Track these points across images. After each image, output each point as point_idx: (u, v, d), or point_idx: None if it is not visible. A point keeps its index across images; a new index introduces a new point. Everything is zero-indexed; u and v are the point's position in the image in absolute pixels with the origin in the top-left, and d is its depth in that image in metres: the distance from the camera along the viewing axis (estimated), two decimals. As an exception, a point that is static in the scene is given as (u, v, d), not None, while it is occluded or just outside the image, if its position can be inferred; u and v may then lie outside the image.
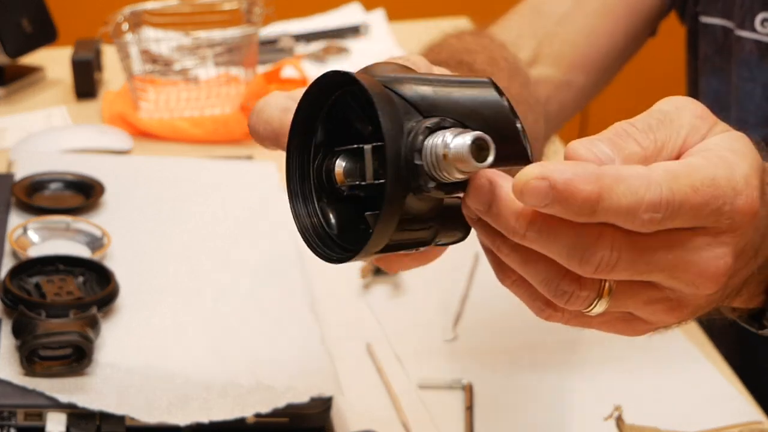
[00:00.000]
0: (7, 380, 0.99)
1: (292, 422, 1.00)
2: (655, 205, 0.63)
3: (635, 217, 0.63)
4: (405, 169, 0.63)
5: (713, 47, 1.26)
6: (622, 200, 0.62)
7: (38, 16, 1.71)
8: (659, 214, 0.63)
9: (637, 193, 0.63)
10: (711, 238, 0.67)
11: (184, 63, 1.65)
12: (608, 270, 0.65)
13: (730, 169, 0.67)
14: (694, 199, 0.65)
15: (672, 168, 0.65)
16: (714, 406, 1.08)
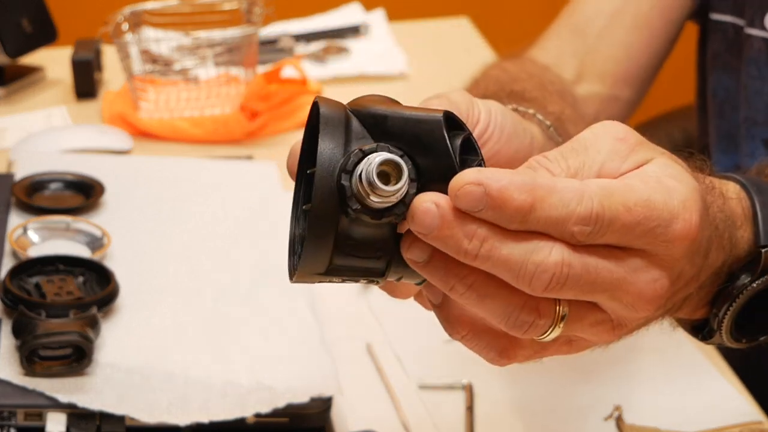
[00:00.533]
0: (7, 380, 0.99)
1: (292, 422, 1.01)
2: (585, 218, 0.65)
3: (565, 228, 0.65)
4: (332, 188, 0.64)
5: (723, 45, 1.26)
6: (553, 212, 0.64)
7: (38, 16, 1.71)
8: (589, 228, 0.65)
9: (569, 205, 0.65)
10: (647, 261, 0.68)
11: (184, 63, 1.65)
12: (560, 285, 0.66)
13: (667, 193, 0.68)
14: (626, 218, 0.66)
15: (607, 185, 0.67)
16: (714, 406, 1.08)
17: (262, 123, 1.59)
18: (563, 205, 0.65)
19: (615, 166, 0.69)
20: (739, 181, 0.82)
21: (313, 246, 0.65)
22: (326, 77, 1.74)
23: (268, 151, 1.55)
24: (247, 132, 1.58)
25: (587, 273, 0.67)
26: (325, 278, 0.68)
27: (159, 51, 1.65)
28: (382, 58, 1.80)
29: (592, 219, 0.65)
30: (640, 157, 0.70)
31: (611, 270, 0.67)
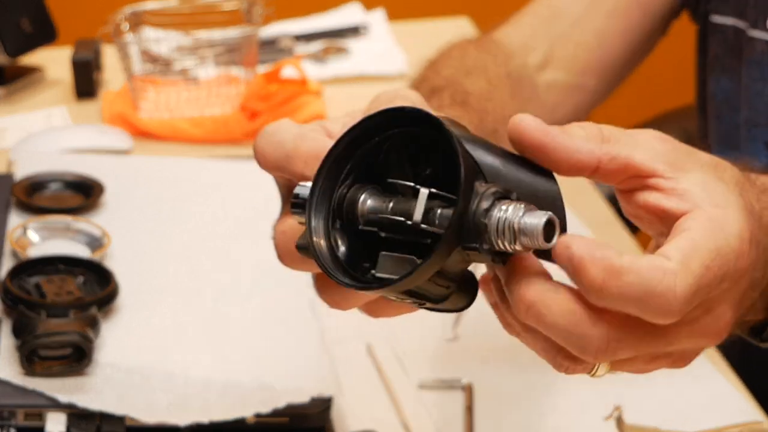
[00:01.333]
0: (7, 380, 0.99)
1: (292, 422, 1.00)
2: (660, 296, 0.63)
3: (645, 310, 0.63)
4: (471, 223, 0.64)
5: (724, 47, 1.25)
6: (631, 292, 0.62)
7: (38, 15, 1.71)
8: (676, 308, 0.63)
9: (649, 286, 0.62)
10: (709, 303, 0.67)
11: (184, 63, 1.65)
12: (609, 354, 0.66)
13: (723, 232, 0.66)
14: (707, 278, 0.64)
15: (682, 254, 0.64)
16: (714, 406, 1.08)
17: (262, 123, 1.59)
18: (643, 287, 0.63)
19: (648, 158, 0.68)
20: None
21: (423, 271, 0.64)
22: (326, 77, 1.74)
23: (268, 151, 1.54)
24: (247, 132, 1.58)
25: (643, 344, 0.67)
26: (390, 295, 0.67)
27: (159, 51, 1.65)
28: (382, 58, 1.80)
29: (688, 298, 0.64)
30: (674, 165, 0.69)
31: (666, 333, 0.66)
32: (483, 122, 1.00)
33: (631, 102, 2.68)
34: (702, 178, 0.69)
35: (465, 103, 1.02)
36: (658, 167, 0.68)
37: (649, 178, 0.68)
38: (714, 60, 1.27)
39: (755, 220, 0.70)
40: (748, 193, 0.71)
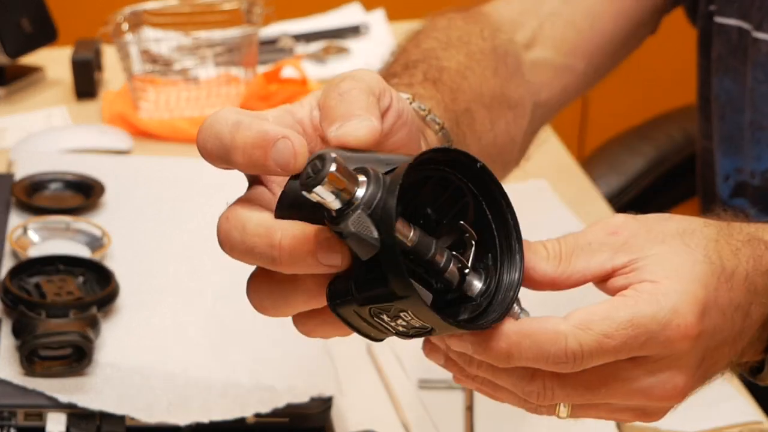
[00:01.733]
0: (7, 380, 0.99)
1: (292, 422, 1.01)
2: (561, 357, 0.70)
3: (546, 366, 0.71)
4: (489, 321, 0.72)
5: (727, 48, 1.24)
6: (530, 354, 0.70)
7: (38, 16, 1.71)
8: (569, 364, 0.70)
9: (542, 347, 0.70)
10: (651, 366, 0.72)
11: (184, 63, 1.65)
12: (549, 400, 0.74)
13: (656, 303, 0.71)
14: (609, 344, 0.70)
15: (585, 318, 0.71)
16: (714, 406, 1.08)
17: (262, 123, 1.59)
18: (537, 348, 0.70)
19: (603, 261, 0.74)
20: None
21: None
22: (326, 77, 1.74)
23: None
24: (247, 132, 1.58)
25: (575, 391, 0.73)
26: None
27: (159, 51, 1.65)
28: (382, 59, 1.80)
29: (569, 357, 0.70)
30: (632, 252, 0.73)
31: (605, 384, 0.72)
32: (455, 102, 0.97)
33: (632, 102, 2.68)
34: (662, 252, 0.74)
35: (438, 80, 0.99)
36: (616, 263, 0.74)
37: (612, 275, 0.74)
38: (718, 60, 1.26)
39: (723, 281, 0.74)
40: (720, 253, 0.75)
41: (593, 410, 0.75)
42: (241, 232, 0.70)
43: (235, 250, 0.72)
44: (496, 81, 1.06)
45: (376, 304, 0.68)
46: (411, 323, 0.70)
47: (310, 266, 0.67)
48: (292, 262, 0.68)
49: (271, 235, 0.68)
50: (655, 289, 0.72)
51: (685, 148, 1.78)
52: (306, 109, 0.73)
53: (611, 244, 0.74)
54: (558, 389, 0.73)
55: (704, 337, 0.73)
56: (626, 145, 1.84)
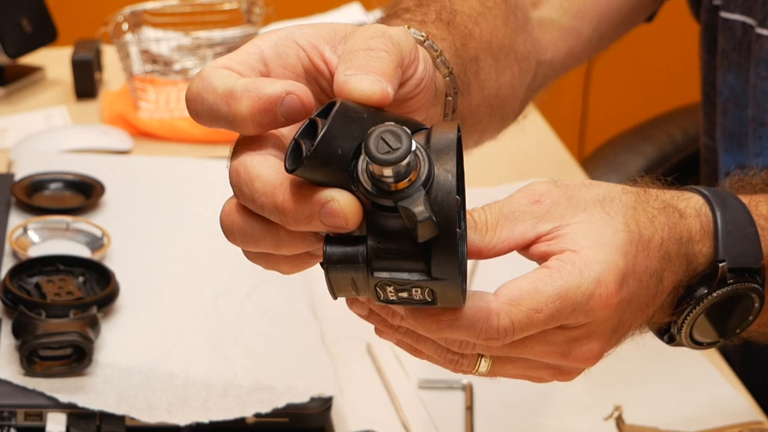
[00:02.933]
0: (7, 380, 0.99)
1: (292, 422, 1.01)
2: (494, 334, 0.72)
3: (477, 341, 0.73)
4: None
5: (732, 43, 1.24)
6: (462, 332, 0.72)
7: (38, 16, 1.71)
8: (500, 340, 0.73)
9: (475, 326, 0.72)
10: (572, 332, 0.75)
11: (184, 63, 1.65)
12: (471, 349, 0.75)
13: (579, 275, 0.74)
14: (539, 318, 0.73)
15: (515, 296, 0.73)
16: (714, 406, 1.08)
17: (262, 123, 1.59)
18: (470, 326, 0.72)
19: (526, 229, 0.76)
20: (704, 195, 0.83)
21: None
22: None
23: (268, 151, 1.54)
24: (247, 132, 1.58)
25: (500, 352, 0.75)
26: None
27: (159, 51, 1.65)
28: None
29: (501, 333, 0.72)
30: (554, 220, 0.75)
31: (526, 348, 0.75)
32: (465, 47, 0.96)
33: (632, 102, 2.68)
34: (584, 220, 0.76)
35: (450, 22, 0.96)
36: (539, 231, 0.75)
37: (535, 242, 0.76)
38: (722, 56, 1.26)
39: (641, 249, 0.77)
40: (638, 221, 0.77)
41: (512, 367, 0.78)
42: (251, 189, 0.68)
43: (247, 203, 0.70)
44: (506, 31, 1.05)
45: (394, 279, 0.68)
46: (414, 296, 0.69)
47: (314, 227, 0.68)
48: (296, 224, 0.68)
49: (275, 196, 0.68)
50: (578, 259, 0.74)
51: (685, 148, 1.79)
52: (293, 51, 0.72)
53: (534, 213, 0.76)
54: (471, 342, 0.74)
55: (622, 304, 0.76)
56: (626, 145, 1.84)
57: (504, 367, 0.78)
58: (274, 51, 0.71)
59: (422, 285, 0.68)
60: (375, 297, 0.70)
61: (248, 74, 0.69)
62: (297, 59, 0.71)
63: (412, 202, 0.64)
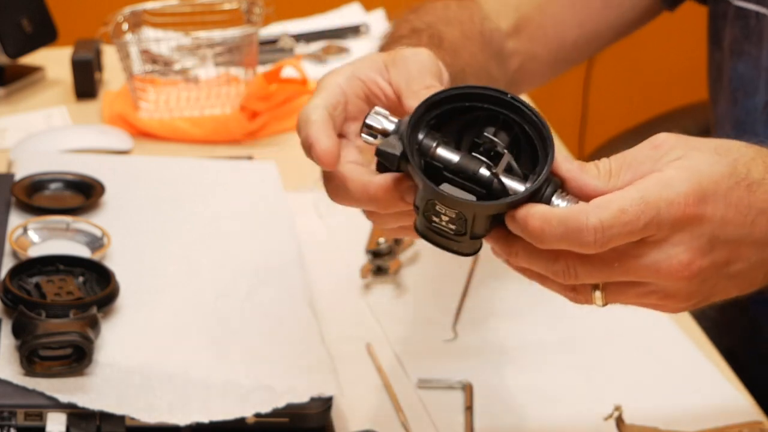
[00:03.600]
0: (7, 380, 0.99)
1: (292, 422, 1.01)
2: (582, 231, 0.81)
3: (573, 243, 0.82)
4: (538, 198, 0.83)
5: (744, 32, 1.27)
6: (557, 231, 0.82)
7: (38, 16, 1.71)
8: (590, 240, 0.81)
9: (568, 224, 0.81)
10: (657, 244, 0.83)
11: (184, 63, 1.65)
12: (573, 278, 0.84)
13: (663, 186, 0.83)
14: (623, 218, 0.81)
15: (602, 201, 0.82)
16: (714, 406, 1.08)
17: (262, 123, 1.59)
18: (564, 226, 0.82)
19: (645, 171, 0.84)
20: None
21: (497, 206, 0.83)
22: (326, 77, 1.74)
23: (268, 151, 1.55)
24: (247, 132, 1.58)
25: (594, 268, 0.84)
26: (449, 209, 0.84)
27: (159, 51, 1.65)
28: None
29: (590, 231, 0.81)
30: (669, 159, 0.84)
31: (620, 261, 0.83)
32: (454, 61, 1.11)
33: (632, 102, 2.68)
34: (691, 156, 0.85)
35: (440, 45, 1.13)
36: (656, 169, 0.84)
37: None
38: (733, 45, 1.28)
39: (744, 186, 0.85)
40: (749, 166, 0.86)
41: (622, 295, 0.86)
42: (344, 190, 0.88)
43: (344, 202, 0.89)
44: (482, 57, 1.22)
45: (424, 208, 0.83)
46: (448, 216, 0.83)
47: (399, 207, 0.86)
48: (387, 207, 0.87)
49: (368, 191, 0.87)
50: (662, 176, 0.83)
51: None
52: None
53: (653, 156, 0.85)
54: (579, 267, 0.83)
55: (707, 222, 0.83)
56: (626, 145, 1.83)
57: (615, 295, 0.86)
58: (348, 84, 0.91)
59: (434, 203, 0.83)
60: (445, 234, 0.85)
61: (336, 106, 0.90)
62: (361, 89, 0.91)
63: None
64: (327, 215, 1.37)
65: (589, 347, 1.16)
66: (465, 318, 1.20)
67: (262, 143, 1.58)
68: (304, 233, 1.30)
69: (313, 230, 1.35)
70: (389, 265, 1.25)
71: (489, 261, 1.27)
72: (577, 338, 1.17)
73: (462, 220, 0.83)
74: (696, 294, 0.86)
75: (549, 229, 0.81)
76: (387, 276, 1.25)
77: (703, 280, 0.85)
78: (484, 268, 1.27)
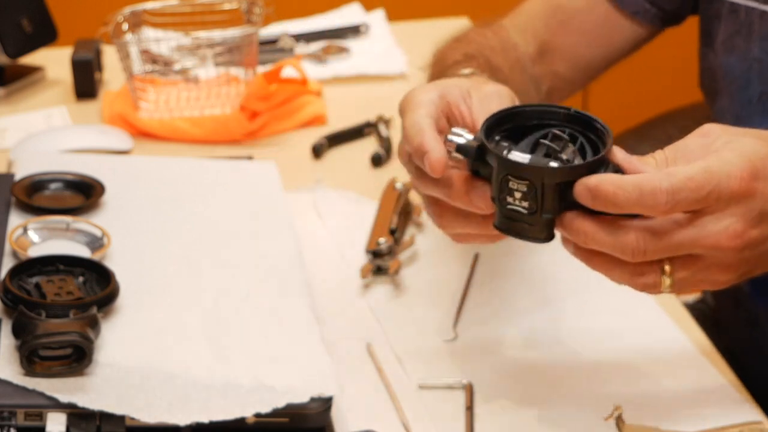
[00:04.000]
0: (7, 380, 0.99)
1: (292, 422, 1.01)
2: (655, 193, 0.91)
3: (648, 203, 0.92)
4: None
5: (735, 27, 1.29)
6: (632, 194, 0.92)
7: (38, 16, 1.71)
8: (661, 201, 0.91)
9: (641, 186, 0.92)
10: (716, 215, 0.94)
11: (184, 63, 1.65)
12: (642, 254, 0.93)
13: (723, 161, 0.94)
14: (690, 185, 0.92)
15: (671, 170, 0.93)
16: (714, 406, 1.08)
17: (262, 123, 1.59)
18: (638, 188, 0.92)
19: (702, 154, 0.95)
20: None
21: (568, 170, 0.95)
22: (326, 77, 1.74)
23: (268, 151, 1.55)
24: (247, 132, 1.58)
25: (660, 240, 0.93)
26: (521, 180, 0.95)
27: (159, 51, 1.65)
28: (382, 58, 1.80)
29: (662, 193, 0.91)
30: (719, 144, 0.95)
31: (682, 231, 0.93)
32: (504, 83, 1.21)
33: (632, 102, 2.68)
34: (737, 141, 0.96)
35: (492, 71, 1.23)
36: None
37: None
38: (725, 40, 1.30)
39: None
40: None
41: (689, 274, 0.96)
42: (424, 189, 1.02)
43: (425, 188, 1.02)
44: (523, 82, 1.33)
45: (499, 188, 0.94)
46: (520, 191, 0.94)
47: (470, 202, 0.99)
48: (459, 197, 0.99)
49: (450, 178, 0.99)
50: (721, 154, 0.94)
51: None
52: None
53: (703, 143, 0.96)
54: (648, 239, 0.93)
55: (759, 197, 0.94)
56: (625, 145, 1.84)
57: (681, 270, 0.95)
58: (439, 102, 1.02)
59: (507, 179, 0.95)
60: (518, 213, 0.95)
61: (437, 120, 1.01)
62: (447, 109, 1.03)
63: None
64: (327, 215, 1.37)
65: (589, 347, 1.16)
66: (465, 318, 1.20)
67: (262, 143, 1.58)
68: (304, 233, 1.30)
69: (313, 230, 1.35)
70: (389, 265, 1.25)
71: (489, 261, 1.27)
72: (578, 338, 1.17)
73: (533, 193, 0.93)
74: (744, 264, 0.96)
75: (623, 194, 0.91)
76: (387, 276, 1.25)
77: (751, 250, 0.96)
78: (484, 268, 1.27)
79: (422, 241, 1.32)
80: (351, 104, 1.67)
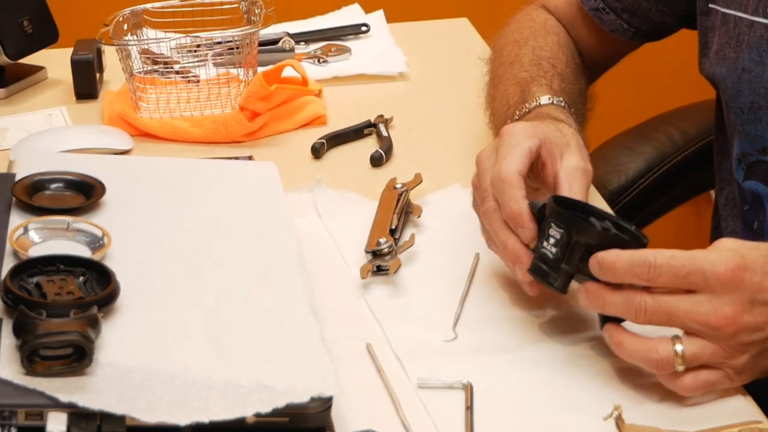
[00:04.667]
0: (7, 380, 0.99)
1: (292, 422, 1.01)
2: (641, 263, 1.04)
3: (635, 272, 1.04)
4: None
5: (726, 38, 1.30)
6: (624, 264, 1.05)
7: (39, 16, 1.71)
8: (644, 269, 1.04)
9: (632, 258, 1.05)
10: (705, 296, 1.03)
11: (184, 63, 1.65)
12: (643, 314, 1.05)
13: (710, 251, 1.05)
14: (673, 263, 1.03)
15: (661, 250, 1.04)
16: (714, 406, 1.08)
17: (262, 123, 1.59)
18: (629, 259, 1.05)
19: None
20: None
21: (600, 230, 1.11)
22: (326, 77, 1.74)
23: (268, 151, 1.55)
24: (247, 132, 1.58)
25: (659, 305, 1.04)
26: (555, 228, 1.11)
27: (159, 51, 1.65)
28: (382, 58, 1.80)
29: (645, 264, 1.04)
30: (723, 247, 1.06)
31: (678, 303, 1.04)
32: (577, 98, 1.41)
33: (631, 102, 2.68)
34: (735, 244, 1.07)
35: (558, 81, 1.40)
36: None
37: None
38: (719, 50, 1.32)
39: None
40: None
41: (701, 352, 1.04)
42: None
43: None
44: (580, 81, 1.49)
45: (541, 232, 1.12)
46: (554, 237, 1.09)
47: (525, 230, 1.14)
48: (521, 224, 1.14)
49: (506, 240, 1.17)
50: (710, 250, 1.05)
51: (684, 148, 1.79)
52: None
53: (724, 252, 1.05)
54: (648, 300, 1.04)
55: (746, 287, 1.03)
56: (625, 146, 1.84)
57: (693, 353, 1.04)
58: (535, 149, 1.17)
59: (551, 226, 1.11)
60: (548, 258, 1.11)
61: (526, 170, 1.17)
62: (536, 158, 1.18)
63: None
64: (327, 215, 1.38)
65: (589, 347, 1.16)
66: (465, 318, 1.20)
67: (262, 143, 1.58)
68: (304, 233, 1.30)
69: (313, 230, 1.35)
70: (389, 265, 1.25)
71: (489, 261, 1.28)
72: (578, 338, 1.17)
73: (564, 243, 1.08)
74: (749, 348, 1.04)
75: (619, 262, 1.05)
76: (386, 276, 1.25)
77: (749, 335, 1.03)
78: (484, 268, 1.27)
79: (422, 241, 1.32)
80: (351, 104, 1.67)
